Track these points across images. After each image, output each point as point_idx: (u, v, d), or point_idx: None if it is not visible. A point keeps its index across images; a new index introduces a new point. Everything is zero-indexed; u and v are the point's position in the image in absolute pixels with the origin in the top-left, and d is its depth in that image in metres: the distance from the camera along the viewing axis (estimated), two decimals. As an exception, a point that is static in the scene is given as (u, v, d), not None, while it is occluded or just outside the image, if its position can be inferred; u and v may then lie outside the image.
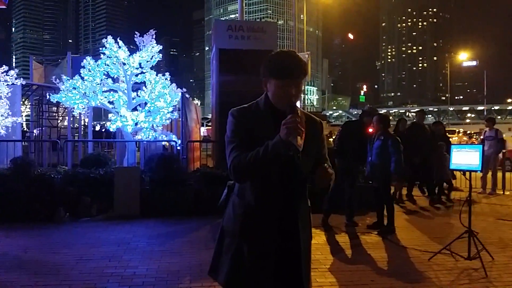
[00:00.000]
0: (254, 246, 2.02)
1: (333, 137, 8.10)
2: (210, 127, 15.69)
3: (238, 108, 2.13)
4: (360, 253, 5.62)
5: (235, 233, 2.08)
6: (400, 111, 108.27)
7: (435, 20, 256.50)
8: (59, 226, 6.96)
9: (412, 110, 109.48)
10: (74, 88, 10.69)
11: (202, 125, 17.37)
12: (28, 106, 17.32)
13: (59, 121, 16.10)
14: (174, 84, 11.72)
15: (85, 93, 10.75)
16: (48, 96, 11.76)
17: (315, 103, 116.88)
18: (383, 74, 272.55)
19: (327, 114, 78.64)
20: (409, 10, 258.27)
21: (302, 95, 30.72)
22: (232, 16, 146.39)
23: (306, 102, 35.55)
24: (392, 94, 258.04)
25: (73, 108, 11.09)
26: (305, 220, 2.13)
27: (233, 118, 2.09)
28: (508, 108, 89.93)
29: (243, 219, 2.06)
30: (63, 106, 14.37)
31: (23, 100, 15.30)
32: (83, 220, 7.41)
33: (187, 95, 12.03)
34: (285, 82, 2.00)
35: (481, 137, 11.99)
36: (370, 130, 7.05)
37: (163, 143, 11.57)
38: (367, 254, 5.58)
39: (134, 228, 6.85)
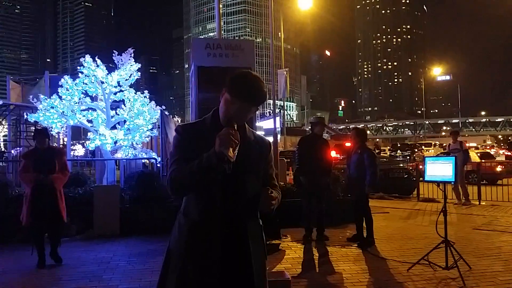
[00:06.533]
0: (198, 263, 2.00)
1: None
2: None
3: (183, 124, 2.18)
4: (340, 266, 5.68)
5: (180, 252, 2.05)
6: (378, 125, 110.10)
7: (409, 36, 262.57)
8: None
9: (389, 124, 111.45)
10: (52, 107, 10.61)
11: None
12: (6, 126, 17.01)
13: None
14: (153, 102, 11.73)
15: (63, 112, 10.67)
16: (26, 116, 11.60)
17: (294, 119, 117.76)
18: (360, 90, 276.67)
19: (307, 129, 79.25)
20: (384, 27, 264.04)
21: (282, 110, 30.82)
22: (211, 34, 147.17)
23: (286, 118, 35.95)
24: (369, 108, 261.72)
25: (51, 127, 10.98)
26: (256, 239, 2.12)
27: (178, 134, 2.11)
28: (482, 121, 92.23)
29: (187, 237, 2.04)
30: (41, 126, 14.19)
31: (1, 120, 15.06)
32: (62, 240, 7.27)
33: (166, 112, 12.04)
34: (244, 105, 2.01)
35: (446, 150, 12.34)
36: (348, 144, 7.19)
37: (143, 160, 11.52)
38: (348, 266, 5.64)
39: (114, 247, 6.78)
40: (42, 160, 5.57)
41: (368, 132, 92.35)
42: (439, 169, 5.43)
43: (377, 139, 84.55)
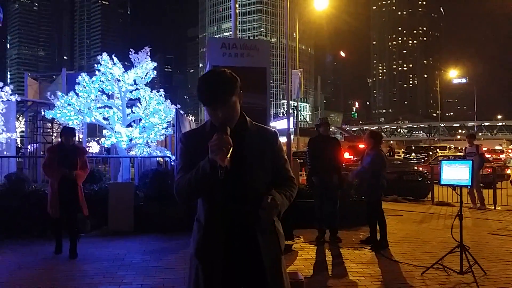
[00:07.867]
0: (205, 265, 2.04)
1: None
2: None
3: (186, 132, 2.22)
4: (353, 268, 5.67)
5: (193, 254, 2.12)
6: (392, 127, 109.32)
7: (425, 38, 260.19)
8: (53, 242, 6.91)
9: (403, 126, 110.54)
10: (69, 105, 10.75)
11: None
12: (23, 122, 17.31)
13: (53, 137, 16.06)
14: (168, 101, 11.83)
15: (80, 109, 10.81)
16: (42, 112, 11.80)
17: (308, 119, 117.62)
18: (374, 91, 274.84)
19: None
20: (400, 28, 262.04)
21: (295, 111, 30.77)
22: (226, 34, 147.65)
23: (299, 118, 35.81)
24: (384, 110, 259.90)
25: (68, 124, 11.13)
26: (268, 234, 2.09)
27: (180, 142, 2.15)
28: (498, 124, 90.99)
29: (198, 240, 2.10)
30: (58, 122, 14.40)
31: (18, 116, 15.29)
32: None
33: (181, 111, 12.12)
34: (210, 107, 2.03)
35: (462, 153, 12.20)
36: (362, 145, 7.18)
37: (157, 159, 11.61)
38: (361, 269, 5.62)
39: (128, 244, 6.85)
40: (67, 157, 5.95)
41: (383, 134, 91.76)
42: (455, 173, 5.38)
43: (391, 141, 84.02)
